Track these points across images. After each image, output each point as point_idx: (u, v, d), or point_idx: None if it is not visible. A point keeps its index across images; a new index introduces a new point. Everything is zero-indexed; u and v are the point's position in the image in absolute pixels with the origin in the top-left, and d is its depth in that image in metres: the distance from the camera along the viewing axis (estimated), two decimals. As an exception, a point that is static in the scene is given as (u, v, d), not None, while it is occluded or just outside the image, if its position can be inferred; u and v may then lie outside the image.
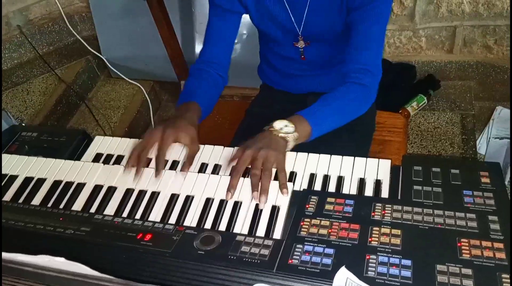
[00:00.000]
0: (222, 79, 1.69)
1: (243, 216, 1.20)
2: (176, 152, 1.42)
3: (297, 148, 1.39)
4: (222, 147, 1.42)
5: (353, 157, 1.34)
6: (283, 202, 1.21)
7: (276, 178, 1.26)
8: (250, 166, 1.29)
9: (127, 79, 3.38)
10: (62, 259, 1.00)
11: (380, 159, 1.31)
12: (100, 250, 1.09)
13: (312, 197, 1.20)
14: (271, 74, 1.88)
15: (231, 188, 1.26)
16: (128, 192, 1.29)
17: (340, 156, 1.34)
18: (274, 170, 1.29)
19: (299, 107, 1.47)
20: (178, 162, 1.39)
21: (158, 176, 1.28)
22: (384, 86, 1.94)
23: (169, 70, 2.99)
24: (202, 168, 1.38)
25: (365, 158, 1.32)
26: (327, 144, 1.49)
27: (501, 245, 1.03)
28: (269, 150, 1.29)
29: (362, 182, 1.26)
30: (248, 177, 1.28)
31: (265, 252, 1.04)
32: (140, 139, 1.37)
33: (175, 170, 1.35)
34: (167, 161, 1.38)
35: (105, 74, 3.55)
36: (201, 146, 1.43)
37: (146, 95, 3.32)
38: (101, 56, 3.37)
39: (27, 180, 1.34)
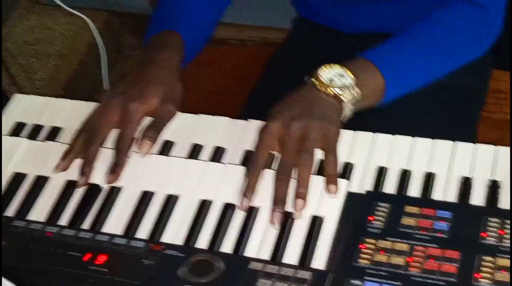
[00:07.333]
0: None
1: (261, 231, 0.95)
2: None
3: (357, 126, 1.10)
4: (226, 118, 1.16)
5: (451, 142, 1.07)
6: (330, 210, 0.96)
7: (319, 172, 0.98)
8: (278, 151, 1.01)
9: (65, 7, 2.75)
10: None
11: (500, 147, 1.06)
12: (20, 278, 0.91)
13: (380, 204, 0.98)
14: None
15: (248, 190, 0.96)
16: (69, 186, 1.06)
17: (432, 140, 1.09)
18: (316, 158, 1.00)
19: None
20: (165, 141, 1.11)
21: (113, 178, 1.03)
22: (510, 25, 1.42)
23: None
24: (194, 152, 1.11)
25: (473, 144, 1.06)
26: (407, 119, 1.20)
27: None
28: (310, 120, 0.99)
29: (466, 184, 1.02)
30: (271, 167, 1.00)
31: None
32: (87, 118, 1.09)
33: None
34: (132, 139, 1.11)
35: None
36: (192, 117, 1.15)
37: (97, 35, 2.76)
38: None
39: None
